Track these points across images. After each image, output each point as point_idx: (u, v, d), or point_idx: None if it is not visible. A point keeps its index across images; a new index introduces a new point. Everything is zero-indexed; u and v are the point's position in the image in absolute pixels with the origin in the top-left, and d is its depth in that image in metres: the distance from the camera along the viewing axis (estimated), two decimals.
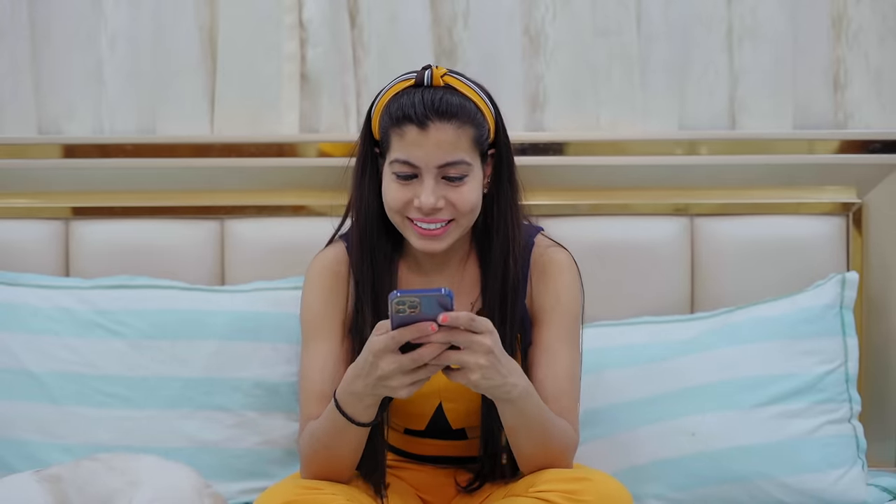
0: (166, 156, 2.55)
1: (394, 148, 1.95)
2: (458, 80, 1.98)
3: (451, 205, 1.96)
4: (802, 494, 2.27)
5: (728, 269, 2.53)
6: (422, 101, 1.93)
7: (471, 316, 1.76)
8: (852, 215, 2.53)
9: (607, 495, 1.85)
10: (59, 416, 2.36)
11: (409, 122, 1.93)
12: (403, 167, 1.95)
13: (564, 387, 2.01)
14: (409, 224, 1.98)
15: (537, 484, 1.88)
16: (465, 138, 1.95)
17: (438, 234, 1.97)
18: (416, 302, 1.74)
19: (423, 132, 1.93)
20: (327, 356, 2.03)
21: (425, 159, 1.94)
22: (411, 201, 1.96)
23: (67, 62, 2.62)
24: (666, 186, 2.55)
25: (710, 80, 2.60)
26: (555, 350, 2.02)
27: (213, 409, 2.37)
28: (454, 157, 1.94)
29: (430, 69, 1.97)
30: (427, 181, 1.94)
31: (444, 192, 1.95)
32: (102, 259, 2.53)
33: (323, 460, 1.95)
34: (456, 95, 1.96)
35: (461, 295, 2.06)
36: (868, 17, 2.57)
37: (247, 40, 2.58)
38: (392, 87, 2.00)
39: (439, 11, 2.61)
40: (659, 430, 2.31)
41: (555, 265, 2.06)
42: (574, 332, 2.06)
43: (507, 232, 2.02)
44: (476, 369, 1.78)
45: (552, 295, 2.05)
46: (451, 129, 1.94)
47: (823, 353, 2.35)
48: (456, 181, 1.95)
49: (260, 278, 2.50)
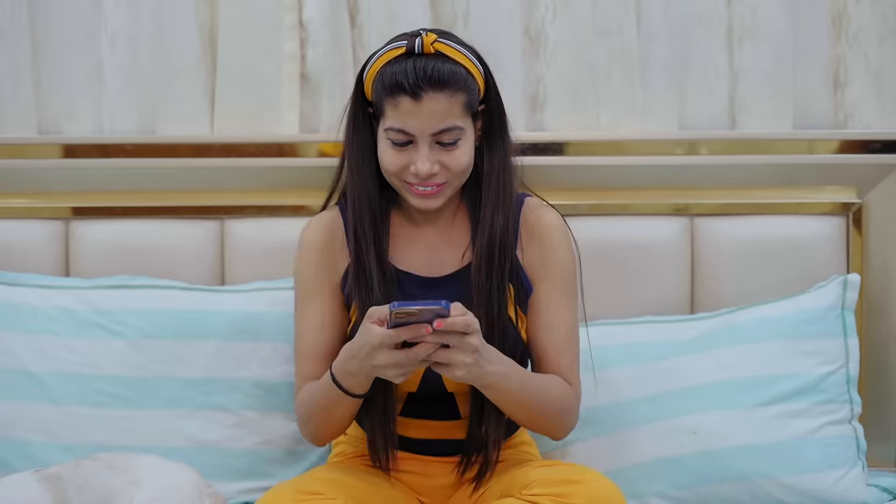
0: (166, 156, 2.55)
1: (388, 116, 2.01)
2: (448, 46, 2.02)
3: (445, 168, 2.03)
4: (803, 494, 2.27)
5: (728, 269, 2.53)
6: (414, 70, 1.98)
7: (466, 321, 1.85)
8: (852, 215, 2.54)
9: (597, 499, 1.88)
10: (60, 415, 2.36)
11: (403, 93, 1.98)
12: (398, 135, 2.01)
13: (562, 344, 2.10)
14: (406, 185, 2.05)
15: (530, 486, 1.91)
16: (458, 105, 2.01)
17: (434, 194, 2.04)
18: (415, 312, 1.82)
19: (417, 102, 1.98)
20: (319, 317, 2.11)
21: (420, 128, 2.00)
22: (408, 166, 2.02)
23: (67, 62, 2.62)
24: (666, 186, 2.55)
25: (709, 80, 2.60)
26: (551, 308, 2.10)
27: (212, 409, 2.37)
28: (447, 123, 2.00)
29: (421, 37, 2.01)
30: (422, 148, 2.01)
31: (438, 156, 2.02)
32: (102, 259, 2.53)
33: (321, 422, 2.06)
34: (447, 63, 2.00)
35: (452, 245, 2.13)
36: (868, 16, 2.57)
37: (247, 40, 2.59)
38: (384, 55, 2.03)
39: (439, 11, 2.61)
40: (660, 428, 2.32)
41: (544, 224, 2.13)
42: (571, 290, 2.13)
43: (498, 184, 2.09)
44: (462, 367, 1.88)
45: (545, 254, 2.12)
46: (443, 98, 1.99)
47: (825, 353, 2.35)
48: (449, 146, 2.02)
49: (260, 278, 2.50)
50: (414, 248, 2.14)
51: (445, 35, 2.05)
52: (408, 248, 2.14)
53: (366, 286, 2.06)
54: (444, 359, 1.87)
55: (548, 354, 2.10)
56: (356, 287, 2.07)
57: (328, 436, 2.10)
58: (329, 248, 2.13)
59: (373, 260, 2.07)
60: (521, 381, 2.01)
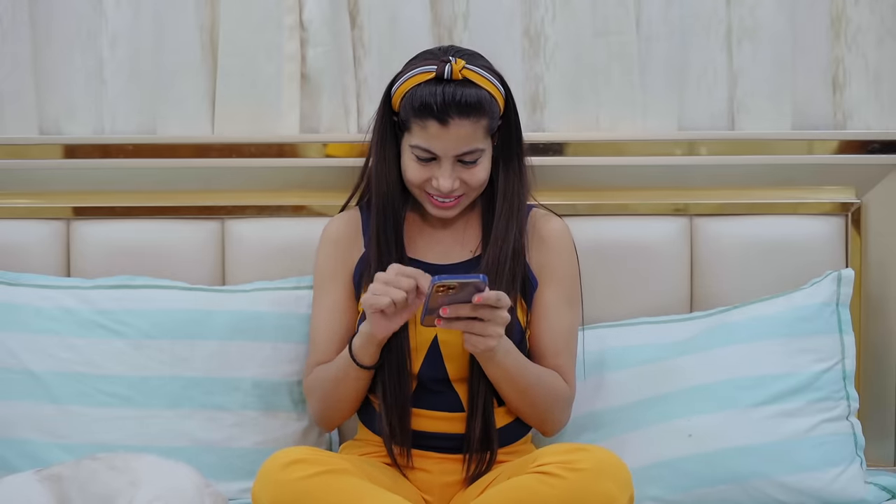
0: (167, 156, 2.56)
1: (415, 134, 2.16)
2: (475, 73, 2.16)
3: (464, 183, 2.18)
4: (800, 493, 2.27)
5: (727, 270, 2.53)
6: (443, 96, 2.12)
7: (498, 295, 1.98)
8: (851, 215, 2.54)
9: (603, 461, 1.95)
10: (60, 415, 2.36)
11: (431, 117, 2.12)
12: (423, 153, 2.16)
13: (561, 345, 2.23)
14: (426, 196, 2.20)
15: (538, 459, 1.98)
16: (481, 129, 2.16)
17: (451, 206, 2.20)
18: (455, 285, 1.95)
19: (444, 127, 2.13)
20: (332, 305, 2.27)
21: (444, 150, 2.15)
22: (429, 180, 2.18)
23: (68, 62, 2.62)
24: (665, 186, 2.56)
25: (709, 81, 2.60)
26: (554, 310, 2.23)
27: (213, 408, 2.38)
28: (470, 147, 2.15)
29: (450, 64, 2.14)
30: (444, 166, 2.16)
31: (459, 173, 2.17)
32: (103, 259, 2.54)
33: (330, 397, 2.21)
34: (473, 88, 2.14)
35: (464, 241, 2.27)
36: (867, 17, 2.57)
37: (247, 40, 2.58)
38: (414, 76, 2.16)
39: (439, 12, 2.61)
40: (656, 432, 2.32)
41: (550, 230, 2.28)
42: (574, 293, 2.27)
43: (513, 197, 2.23)
44: (495, 337, 2.02)
45: (550, 258, 2.26)
46: (468, 124, 2.14)
47: (820, 350, 2.35)
48: (470, 164, 2.17)
49: (260, 278, 2.50)
50: (427, 242, 2.26)
51: (472, 57, 2.19)
52: (421, 244, 2.26)
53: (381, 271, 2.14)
54: (479, 329, 2.00)
55: (547, 354, 2.23)
56: (369, 275, 2.16)
57: (335, 414, 2.24)
58: (345, 243, 2.29)
59: (388, 248, 2.20)
60: (521, 360, 2.15)
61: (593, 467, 1.93)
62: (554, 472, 1.92)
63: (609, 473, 1.94)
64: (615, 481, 1.94)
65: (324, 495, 1.93)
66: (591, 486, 1.91)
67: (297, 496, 1.93)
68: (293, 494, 1.93)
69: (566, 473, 1.91)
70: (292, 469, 1.95)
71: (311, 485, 1.93)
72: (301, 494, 1.93)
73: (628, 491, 1.96)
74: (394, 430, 2.16)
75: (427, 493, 2.18)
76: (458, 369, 2.18)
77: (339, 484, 1.95)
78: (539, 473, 1.94)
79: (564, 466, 1.93)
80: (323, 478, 1.94)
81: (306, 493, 1.93)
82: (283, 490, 1.94)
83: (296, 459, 1.96)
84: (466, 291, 1.97)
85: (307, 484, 1.93)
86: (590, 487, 1.91)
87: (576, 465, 1.93)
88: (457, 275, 2.03)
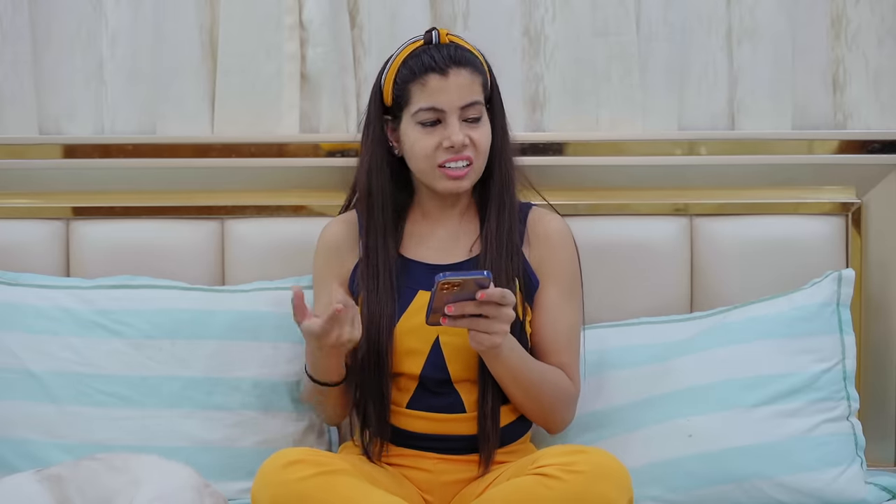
0: (167, 156, 2.56)
1: (416, 99, 2.18)
2: (460, 39, 2.23)
3: (472, 144, 2.18)
4: (800, 494, 2.27)
5: (727, 270, 2.53)
6: (438, 52, 2.18)
7: (502, 293, 2.00)
8: (851, 215, 2.54)
9: (602, 464, 1.96)
10: (60, 415, 2.36)
11: (431, 72, 2.16)
12: (429, 114, 2.17)
13: (564, 343, 2.24)
14: (438, 170, 2.19)
15: (538, 460, 1.99)
16: (477, 83, 2.19)
17: (463, 175, 2.19)
18: (459, 282, 1.96)
19: (444, 78, 2.16)
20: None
21: (449, 102, 2.16)
22: (440, 144, 2.17)
23: (68, 62, 2.62)
24: (665, 186, 2.56)
25: (709, 81, 2.60)
26: (556, 309, 2.24)
27: (213, 408, 2.38)
28: (473, 97, 2.18)
29: (436, 30, 2.20)
30: (452, 121, 2.17)
31: (467, 131, 2.18)
32: (103, 259, 2.54)
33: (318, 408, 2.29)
34: (463, 49, 2.20)
35: (460, 240, 2.26)
36: (867, 17, 2.58)
37: (247, 40, 2.59)
38: (402, 51, 2.21)
39: (439, 11, 2.61)
40: (656, 432, 2.32)
41: (552, 228, 2.28)
42: (574, 291, 2.28)
43: (502, 178, 2.24)
44: (501, 334, 2.03)
45: (551, 255, 2.26)
46: (467, 74, 2.18)
47: (820, 350, 2.35)
48: (474, 122, 2.18)
49: (260, 278, 2.50)
50: (424, 242, 2.26)
51: None
52: (418, 242, 2.26)
53: (373, 272, 2.19)
54: (484, 327, 2.02)
55: (550, 351, 2.23)
56: (365, 273, 2.19)
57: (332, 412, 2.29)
58: (342, 245, 2.29)
59: (382, 248, 2.21)
60: (525, 357, 2.16)
61: (592, 470, 1.94)
62: (553, 474, 1.93)
63: (608, 476, 1.94)
64: (614, 484, 1.94)
65: (323, 496, 1.94)
66: (589, 489, 1.92)
67: (297, 497, 1.94)
68: (292, 495, 1.94)
69: (565, 475, 1.92)
70: (291, 469, 1.95)
71: (310, 485, 1.94)
72: (300, 495, 1.94)
73: (627, 494, 1.97)
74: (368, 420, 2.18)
75: (427, 494, 2.18)
76: (460, 370, 2.18)
77: (338, 484, 1.95)
78: (538, 475, 1.95)
79: (563, 468, 1.93)
80: (322, 478, 1.95)
81: (305, 494, 1.94)
82: (283, 490, 1.94)
83: (295, 460, 1.97)
84: (470, 288, 1.98)
85: (306, 484, 1.94)
86: (588, 490, 1.92)
87: (575, 468, 1.93)
88: (460, 272, 2.04)
